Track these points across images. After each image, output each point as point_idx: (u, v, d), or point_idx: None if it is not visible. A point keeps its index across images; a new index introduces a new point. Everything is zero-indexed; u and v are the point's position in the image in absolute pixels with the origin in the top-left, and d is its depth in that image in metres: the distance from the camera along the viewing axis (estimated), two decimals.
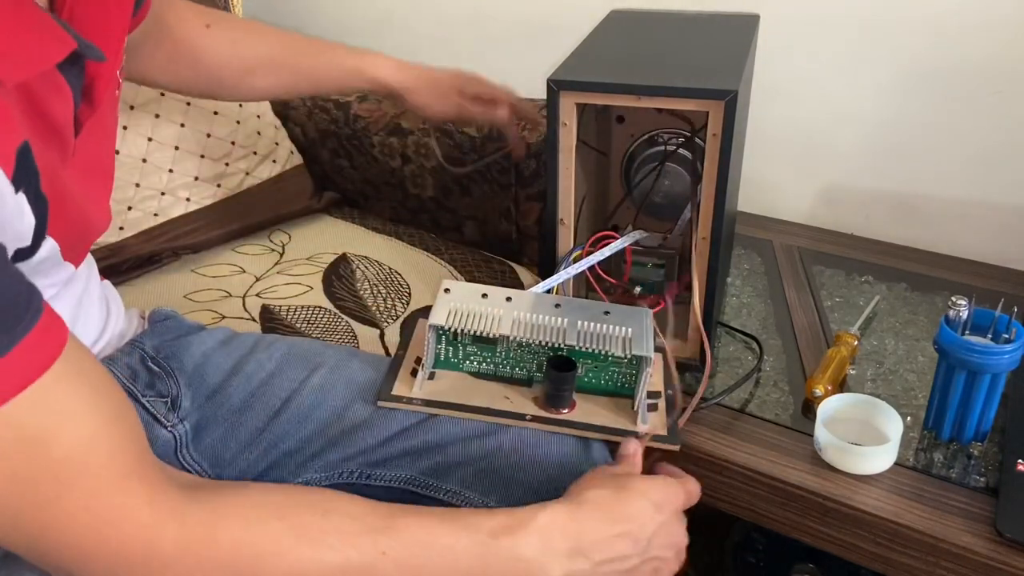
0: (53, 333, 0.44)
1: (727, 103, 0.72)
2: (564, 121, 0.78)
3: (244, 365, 0.74)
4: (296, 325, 1.00)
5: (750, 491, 0.77)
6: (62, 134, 0.50)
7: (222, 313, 1.01)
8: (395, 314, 1.05)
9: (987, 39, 1.03)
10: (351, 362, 0.75)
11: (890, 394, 0.83)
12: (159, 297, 1.06)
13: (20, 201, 0.45)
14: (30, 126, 0.47)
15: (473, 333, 0.69)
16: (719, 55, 0.83)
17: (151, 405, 0.69)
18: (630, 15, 0.97)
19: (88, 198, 0.56)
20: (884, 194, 1.18)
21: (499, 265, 1.18)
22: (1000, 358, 0.71)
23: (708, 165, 0.75)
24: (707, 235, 0.79)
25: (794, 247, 1.12)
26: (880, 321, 0.95)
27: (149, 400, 0.69)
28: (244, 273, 1.11)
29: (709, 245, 0.79)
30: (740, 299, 1.01)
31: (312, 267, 1.12)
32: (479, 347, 0.72)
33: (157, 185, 1.11)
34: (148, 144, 1.10)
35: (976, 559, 0.67)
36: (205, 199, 1.15)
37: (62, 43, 0.47)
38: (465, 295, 0.71)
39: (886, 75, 1.11)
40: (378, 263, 1.14)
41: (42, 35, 0.46)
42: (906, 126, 1.12)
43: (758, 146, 1.19)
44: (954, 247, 1.11)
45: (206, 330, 0.77)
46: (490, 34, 1.40)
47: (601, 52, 0.85)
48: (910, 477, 0.74)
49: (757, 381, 0.87)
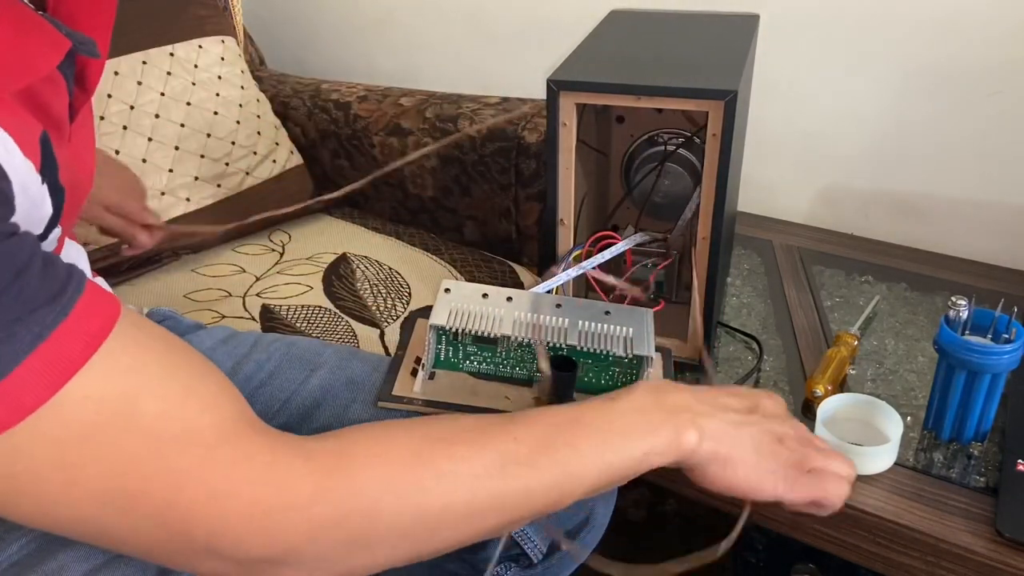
0: (104, 297, 0.41)
1: (727, 103, 0.72)
2: (564, 121, 0.78)
3: (243, 366, 0.74)
4: (296, 325, 1.00)
5: None
6: (60, 125, 0.50)
7: (222, 313, 1.01)
8: (395, 314, 1.05)
9: (987, 39, 1.03)
10: (351, 362, 0.75)
11: (890, 394, 0.83)
12: (159, 297, 1.06)
13: (43, 192, 0.44)
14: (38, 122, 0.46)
15: (474, 333, 0.69)
16: (719, 55, 0.82)
17: None
18: (630, 15, 0.97)
19: (81, 178, 0.54)
20: (884, 194, 1.18)
21: (499, 265, 1.18)
22: (1000, 358, 0.71)
23: (708, 165, 0.75)
24: (707, 235, 0.79)
25: (794, 247, 1.12)
26: (880, 321, 0.95)
27: None
28: (244, 273, 1.11)
29: (709, 245, 0.79)
30: (740, 299, 1.01)
31: (312, 267, 1.12)
32: (480, 347, 0.72)
33: (157, 185, 1.11)
34: (148, 144, 1.10)
35: (976, 559, 0.67)
36: (205, 199, 1.15)
37: (57, 45, 0.46)
38: (466, 295, 0.71)
39: (886, 75, 1.11)
40: (378, 263, 1.14)
41: (38, 40, 0.45)
42: (906, 126, 1.12)
43: (758, 146, 1.19)
44: (954, 247, 1.11)
45: (205, 329, 0.77)
46: (490, 34, 1.40)
47: (601, 52, 0.85)
48: (910, 477, 0.74)
49: (757, 381, 0.87)
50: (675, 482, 0.82)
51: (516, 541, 0.69)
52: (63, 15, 0.50)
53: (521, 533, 0.69)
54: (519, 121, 1.17)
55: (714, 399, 0.57)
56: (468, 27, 1.42)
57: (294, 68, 1.62)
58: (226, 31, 1.26)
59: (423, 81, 1.51)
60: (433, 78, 1.50)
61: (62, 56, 0.46)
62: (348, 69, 1.60)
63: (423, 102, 1.26)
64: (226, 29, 1.27)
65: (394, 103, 1.28)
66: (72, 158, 0.51)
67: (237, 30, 1.31)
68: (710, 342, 0.85)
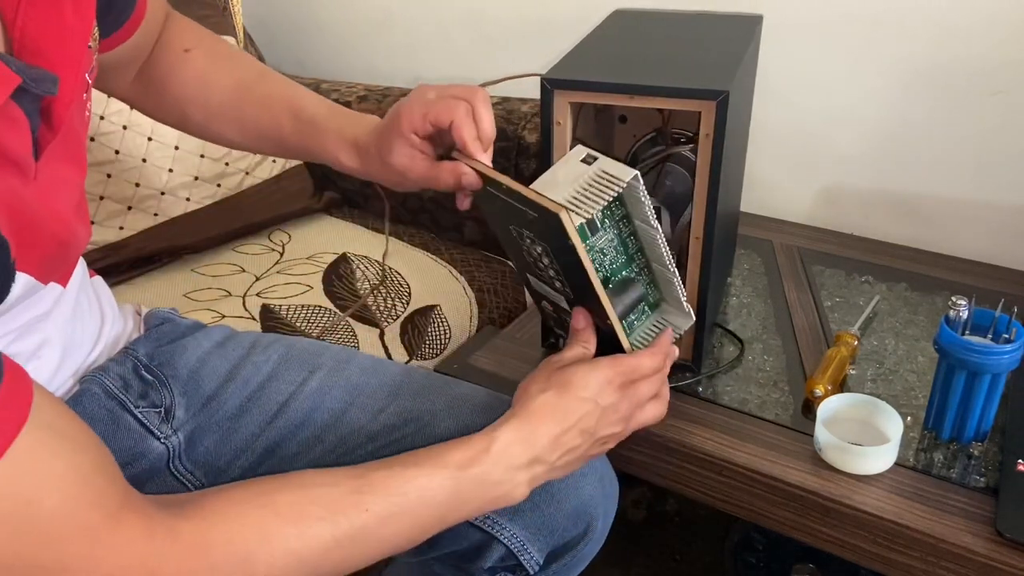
0: (18, 394, 0.43)
1: (719, 103, 0.71)
2: (558, 120, 0.77)
3: (241, 369, 0.73)
4: (296, 325, 1.00)
5: (750, 491, 0.77)
6: (20, 163, 0.48)
7: (222, 312, 1.01)
8: (395, 314, 1.05)
9: (987, 39, 1.03)
10: (350, 364, 0.75)
11: (890, 394, 0.83)
12: (159, 296, 1.06)
13: None
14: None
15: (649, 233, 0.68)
16: (716, 56, 0.82)
17: (144, 416, 0.67)
18: (633, 15, 0.97)
19: (58, 215, 0.53)
20: (884, 194, 1.18)
21: (499, 265, 1.18)
22: (1000, 358, 0.71)
23: (700, 165, 0.75)
24: (700, 235, 0.78)
25: (794, 247, 1.12)
26: (880, 321, 0.95)
27: (142, 411, 0.67)
28: (244, 272, 1.11)
29: (702, 246, 0.79)
30: (740, 299, 1.00)
31: (312, 267, 1.12)
32: (625, 242, 0.69)
33: (157, 185, 1.11)
34: (148, 144, 1.10)
35: (976, 559, 0.67)
36: (205, 199, 1.15)
37: (3, 81, 0.44)
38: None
39: (886, 75, 1.11)
40: (378, 263, 1.14)
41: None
42: (906, 126, 1.12)
43: (758, 146, 1.19)
44: (954, 247, 1.11)
45: (203, 330, 0.76)
46: (490, 35, 1.40)
47: (598, 51, 0.85)
48: (910, 477, 0.74)
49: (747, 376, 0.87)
50: (675, 482, 0.82)
51: (513, 552, 0.69)
52: (29, 52, 0.48)
53: (518, 545, 0.68)
54: (519, 121, 1.17)
55: (556, 451, 0.61)
56: (468, 27, 1.42)
57: (294, 68, 1.63)
58: (226, 31, 1.26)
59: (423, 81, 1.50)
60: (433, 78, 1.50)
61: (8, 92, 0.44)
62: (348, 69, 1.60)
63: None
64: (226, 29, 1.27)
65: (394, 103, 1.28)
66: (38, 195, 0.50)
67: (237, 30, 1.30)
68: (703, 342, 0.84)
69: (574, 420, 0.61)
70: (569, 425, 0.61)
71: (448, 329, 1.07)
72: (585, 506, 0.71)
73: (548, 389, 0.62)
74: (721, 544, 1.15)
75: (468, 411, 0.71)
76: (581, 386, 0.62)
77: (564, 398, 0.62)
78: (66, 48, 0.51)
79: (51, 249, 0.54)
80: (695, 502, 0.82)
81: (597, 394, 0.63)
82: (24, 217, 0.48)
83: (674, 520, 1.29)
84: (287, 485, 0.53)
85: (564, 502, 0.70)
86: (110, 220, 1.07)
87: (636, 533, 1.27)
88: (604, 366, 0.64)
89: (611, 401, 0.63)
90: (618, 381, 0.64)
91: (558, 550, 0.72)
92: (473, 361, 0.93)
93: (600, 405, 0.63)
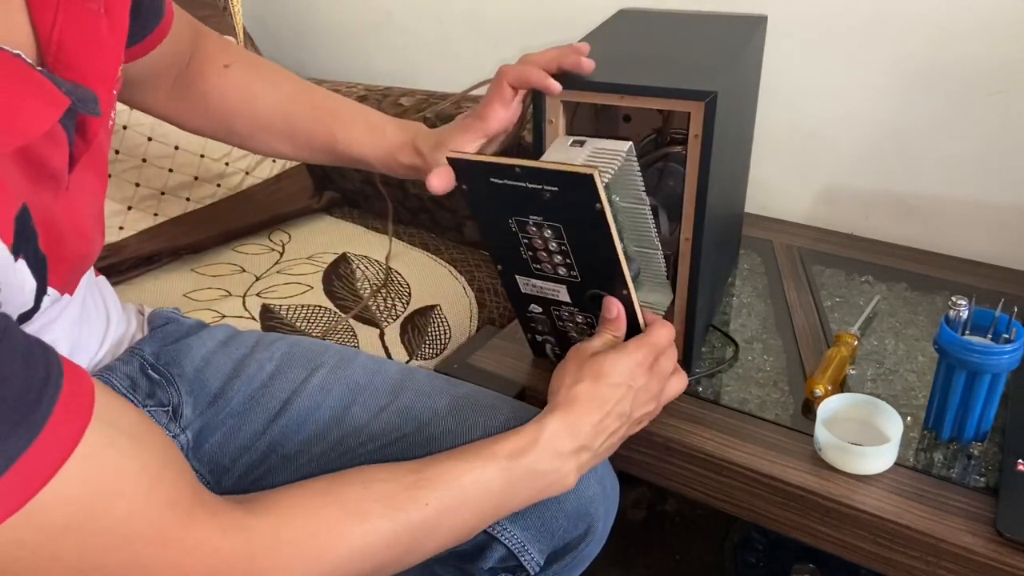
0: (80, 395, 0.42)
1: (707, 104, 0.70)
2: (550, 119, 0.77)
3: (245, 366, 0.73)
4: (296, 324, 1.00)
5: (750, 491, 0.77)
6: (57, 176, 0.49)
7: (222, 312, 1.01)
8: (395, 314, 1.05)
9: (987, 39, 1.03)
10: (352, 363, 0.75)
11: (890, 394, 0.83)
12: (159, 296, 1.06)
13: (20, 269, 0.44)
14: (27, 182, 0.45)
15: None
16: (713, 56, 0.82)
17: (152, 415, 0.67)
18: (636, 15, 0.97)
19: (81, 229, 0.54)
20: (884, 194, 1.18)
21: None
22: (1000, 358, 0.71)
23: (690, 166, 0.74)
24: (689, 236, 0.77)
25: (794, 247, 1.12)
26: (880, 321, 0.95)
27: (150, 410, 0.67)
28: (244, 272, 1.12)
29: (691, 247, 0.78)
30: (740, 299, 1.01)
31: (312, 267, 1.12)
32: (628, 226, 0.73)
33: (157, 185, 1.11)
34: (148, 144, 1.10)
35: (976, 559, 0.67)
36: (205, 199, 1.16)
37: (55, 104, 0.45)
38: None
39: (886, 75, 1.11)
40: (378, 263, 1.14)
41: (34, 99, 0.44)
42: (906, 126, 1.12)
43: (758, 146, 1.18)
44: (954, 247, 1.11)
45: (207, 329, 0.76)
46: (490, 35, 1.40)
47: (594, 51, 0.84)
48: (910, 477, 0.74)
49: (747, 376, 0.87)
50: (675, 482, 0.82)
51: (513, 553, 0.69)
52: (63, 66, 0.48)
53: (519, 546, 0.69)
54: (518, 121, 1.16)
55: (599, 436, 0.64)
56: (468, 27, 1.42)
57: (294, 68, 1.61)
58: (226, 31, 1.26)
59: (422, 81, 1.51)
60: (433, 78, 1.50)
61: (60, 115, 0.45)
62: (348, 69, 1.60)
63: (423, 102, 1.26)
64: (226, 29, 1.27)
65: (394, 103, 1.28)
66: (65, 207, 0.50)
67: (237, 30, 1.31)
68: (692, 343, 0.84)
69: (611, 405, 0.64)
70: (608, 411, 0.64)
71: (448, 329, 1.07)
72: (586, 507, 0.71)
73: (582, 380, 0.65)
74: (721, 544, 1.15)
75: (469, 411, 0.71)
76: (613, 372, 0.65)
77: (599, 386, 0.64)
78: (99, 63, 0.51)
79: (75, 263, 0.54)
80: (695, 502, 0.82)
81: (629, 378, 0.65)
82: (54, 230, 0.49)
83: (674, 520, 1.29)
84: (350, 482, 0.54)
85: (565, 503, 0.70)
86: (110, 220, 1.07)
87: (636, 533, 1.27)
88: (631, 350, 0.66)
89: (642, 382, 0.66)
90: (646, 363, 0.67)
91: (559, 551, 0.72)
92: (473, 361, 0.93)
93: (633, 388, 0.65)
